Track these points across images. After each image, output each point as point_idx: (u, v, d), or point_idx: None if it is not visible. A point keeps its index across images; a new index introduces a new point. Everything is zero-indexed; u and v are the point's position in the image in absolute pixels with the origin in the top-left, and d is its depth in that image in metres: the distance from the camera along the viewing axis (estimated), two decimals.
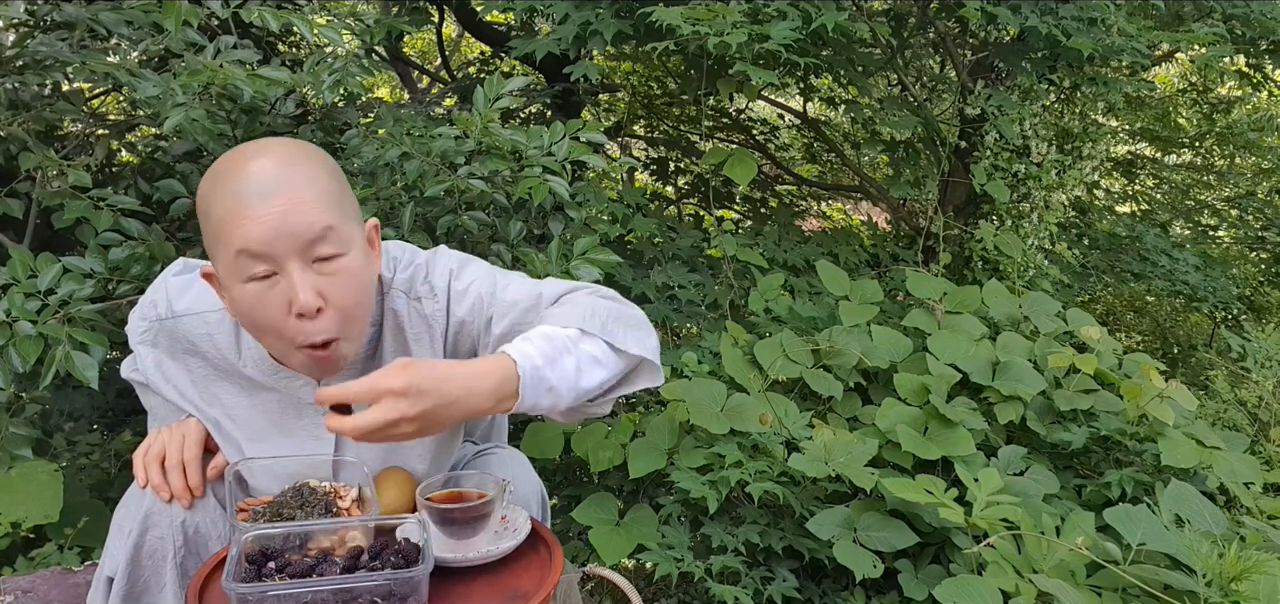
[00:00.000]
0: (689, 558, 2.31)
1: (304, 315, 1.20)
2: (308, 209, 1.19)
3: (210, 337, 1.39)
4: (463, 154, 2.31)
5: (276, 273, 1.20)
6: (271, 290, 1.20)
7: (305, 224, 1.19)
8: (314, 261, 1.21)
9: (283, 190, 1.19)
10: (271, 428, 1.42)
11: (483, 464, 1.57)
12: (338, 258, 1.23)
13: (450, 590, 1.26)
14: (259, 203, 1.17)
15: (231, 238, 1.18)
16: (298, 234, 1.19)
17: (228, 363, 1.39)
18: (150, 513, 1.36)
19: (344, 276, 1.23)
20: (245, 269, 1.19)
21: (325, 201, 1.21)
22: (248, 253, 1.18)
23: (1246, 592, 1.73)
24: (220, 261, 1.23)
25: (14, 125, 2.16)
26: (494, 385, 1.20)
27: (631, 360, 1.34)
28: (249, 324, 1.26)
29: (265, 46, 2.76)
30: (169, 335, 1.41)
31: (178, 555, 1.36)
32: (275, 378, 1.39)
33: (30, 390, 2.13)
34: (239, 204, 1.18)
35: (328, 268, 1.22)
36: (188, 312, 1.39)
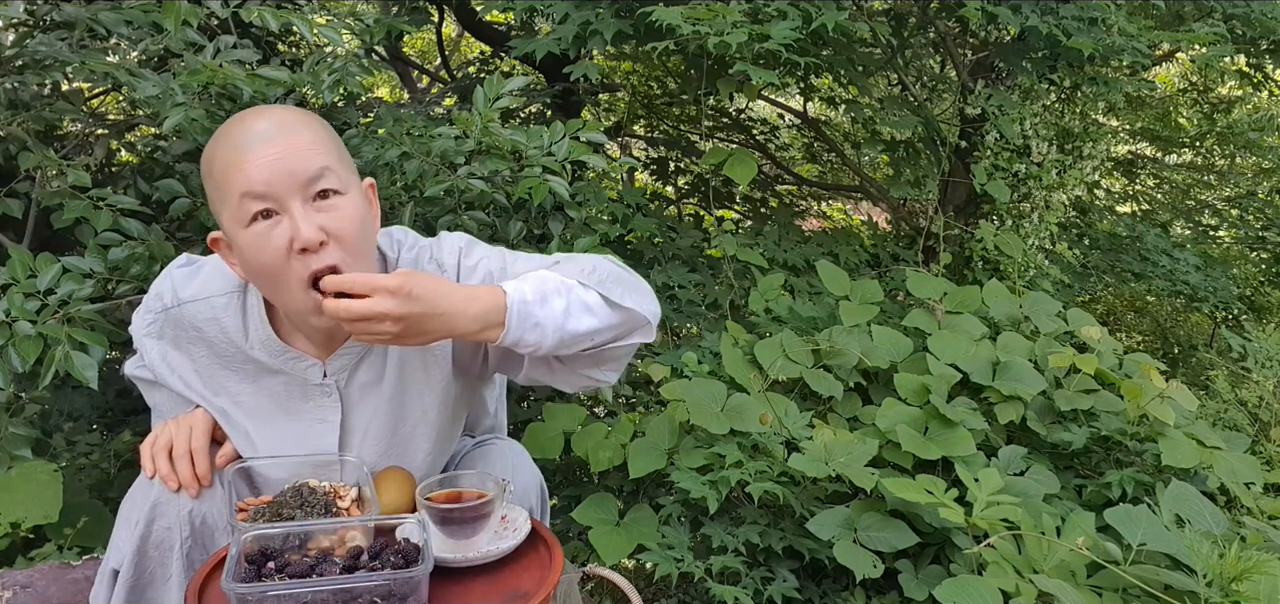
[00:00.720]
0: (689, 558, 2.31)
1: (308, 250, 1.24)
2: (305, 150, 1.25)
3: (217, 321, 1.40)
4: (463, 154, 2.30)
5: (278, 213, 1.24)
6: (274, 230, 1.24)
7: (304, 163, 1.24)
8: (314, 199, 1.25)
9: (281, 135, 1.25)
10: (278, 412, 1.43)
11: (482, 455, 1.57)
12: (337, 195, 1.27)
13: (450, 590, 1.26)
14: (260, 146, 1.23)
15: (234, 183, 1.23)
16: (296, 172, 1.23)
17: (234, 347, 1.40)
18: (158, 503, 1.36)
19: (344, 212, 1.27)
20: (248, 211, 1.23)
21: (322, 146, 1.27)
22: (250, 194, 1.23)
23: (1247, 592, 1.73)
24: (225, 213, 1.27)
25: (14, 125, 2.16)
26: (481, 311, 1.25)
27: (625, 315, 1.36)
28: (256, 271, 1.29)
29: (265, 46, 2.75)
30: (175, 324, 1.43)
31: (184, 545, 1.36)
32: (282, 359, 1.40)
33: (30, 390, 2.13)
34: (239, 152, 1.24)
35: (327, 204, 1.26)
36: (194, 297, 1.41)
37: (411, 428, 1.47)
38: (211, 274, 1.42)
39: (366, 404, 1.44)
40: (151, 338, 1.45)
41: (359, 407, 1.44)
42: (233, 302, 1.40)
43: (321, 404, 1.42)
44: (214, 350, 1.42)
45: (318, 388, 1.42)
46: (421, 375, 1.44)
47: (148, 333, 1.45)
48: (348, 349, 1.41)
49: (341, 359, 1.41)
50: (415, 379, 1.44)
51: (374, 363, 1.43)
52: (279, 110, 1.31)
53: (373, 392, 1.44)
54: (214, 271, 1.43)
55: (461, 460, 1.60)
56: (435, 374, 1.45)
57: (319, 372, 1.41)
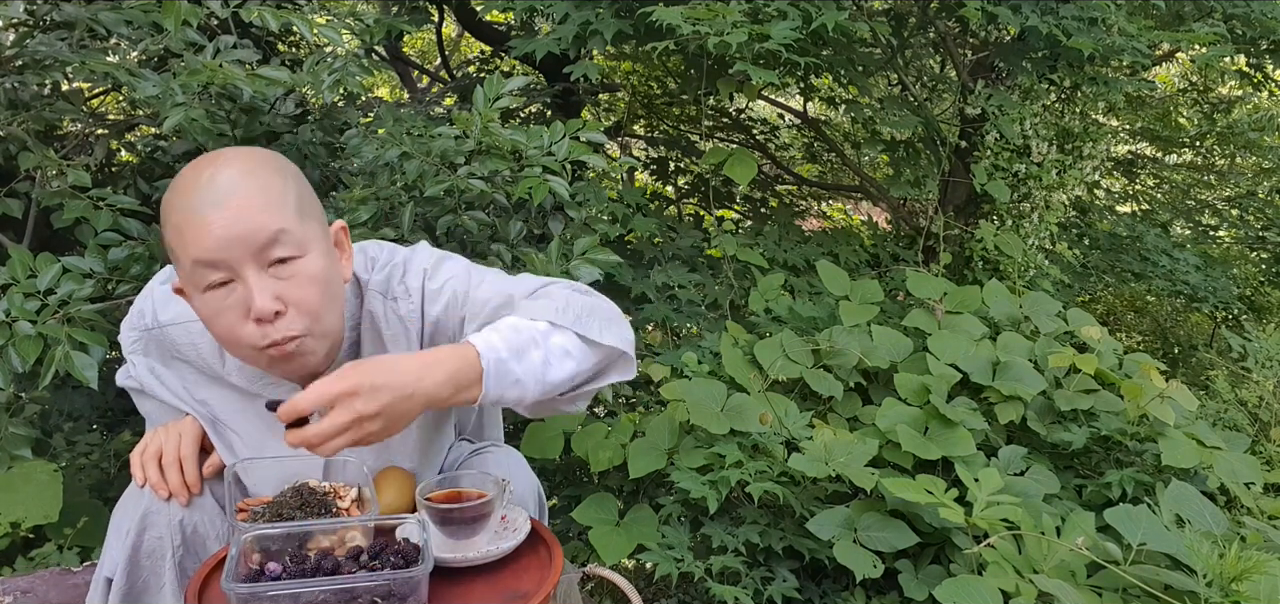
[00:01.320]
0: (689, 558, 2.31)
1: (262, 320, 1.20)
2: (258, 214, 1.18)
3: (195, 346, 1.39)
4: (462, 154, 2.30)
5: (233, 280, 1.20)
6: (229, 297, 1.20)
7: (256, 227, 1.18)
8: (269, 266, 1.20)
9: (233, 197, 1.18)
10: (266, 431, 1.42)
11: (479, 463, 1.57)
12: (294, 260, 1.22)
13: (450, 590, 1.26)
14: (211, 210, 1.17)
15: (187, 248, 1.19)
16: (248, 239, 1.18)
17: (213, 371, 1.40)
18: (148, 512, 1.36)
19: (302, 278, 1.22)
20: (203, 278, 1.20)
21: (277, 206, 1.20)
22: (202, 261, 1.18)
23: (1247, 592, 1.73)
24: (181, 273, 1.23)
25: (14, 125, 2.16)
26: (450, 373, 1.19)
27: (604, 352, 1.32)
28: (213, 333, 1.25)
29: (265, 46, 2.75)
30: (158, 344, 1.43)
31: (176, 554, 1.36)
32: (259, 385, 1.39)
33: (30, 390, 2.13)
34: (191, 214, 1.18)
35: (284, 271, 1.21)
36: (173, 322, 1.40)
37: (397, 441, 1.43)
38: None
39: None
40: (138, 353, 1.45)
41: None
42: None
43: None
44: (197, 369, 1.42)
45: None
46: None
47: (134, 349, 1.45)
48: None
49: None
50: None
51: None
52: (235, 163, 1.22)
53: None
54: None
55: (458, 468, 1.59)
56: None
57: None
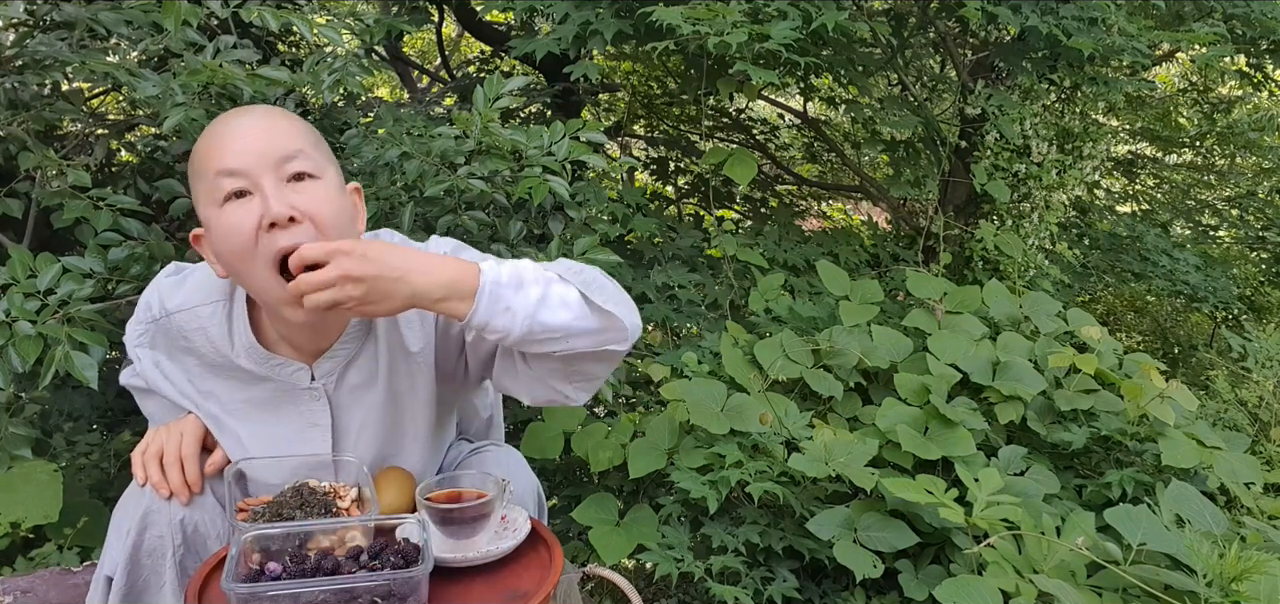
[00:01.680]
0: (689, 558, 2.31)
1: (276, 225, 1.22)
2: (279, 132, 1.26)
3: (204, 330, 1.40)
4: (462, 154, 2.30)
5: (251, 192, 1.23)
6: (246, 207, 1.23)
7: (277, 142, 1.25)
8: (288, 180, 1.25)
9: (259, 120, 1.27)
10: (269, 417, 1.43)
11: (478, 462, 1.57)
12: (312, 179, 1.26)
13: (450, 590, 1.26)
14: (235, 125, 1.27)
15: (211, 162, 1.24)
16: (270, 151, 1.24)
17: (221, 355, 1.40)
18: (149, 511, 1.36)
19: (318, 196, 1.26)
20: (223, 188, 1.23)
21: (298, 132, 1.28)
22: (224, 171, 1.23)
23: (1247, 592, 1.73)
24: (202, 196, 1.27)
25: (14, 125, 2.16)
26: (449, 278, 1.21)
27: (602, 318, 1.29)
28: (227, 254, 1.27)
29: (265, 46, 2.75)
30: (165, 334, 1.43)
31: (176, 553, 1.36)
32: (268, 366, 1.40)
33: (30, 390, 2.13)
34: (218, 137, 1.26)
35: (301, 187, 1.25)
36: (180, 307, 1.41)
37: (402, 431, 1.47)
38: (197, 283, 1.42)
39: (357, 408, 1.44)
40: (144, 347, 1.45)
41: (349, 410, 1.44)
42: (218, 311, 1.39)
43: (311, 408, 1.42)
44: (203, 359, 1.42)
45: (306, 392, 1.41)
46: (407, 381, 1.44)
47: (139, 343, 1.45)
48: (335, 353, 1.40)
49: (329, 362, 1.40)
50: (402, 384, 1.44)
51: (362, 366, 1.42)
52: (261, 107, 1.33)
53: (362, 395, 1.43)
54: (200, 281, 1.42)
55: (457, 468, 1.59)
56: (420, 380, 1.44)
57: (306, 376, 1.40)
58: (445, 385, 1.49)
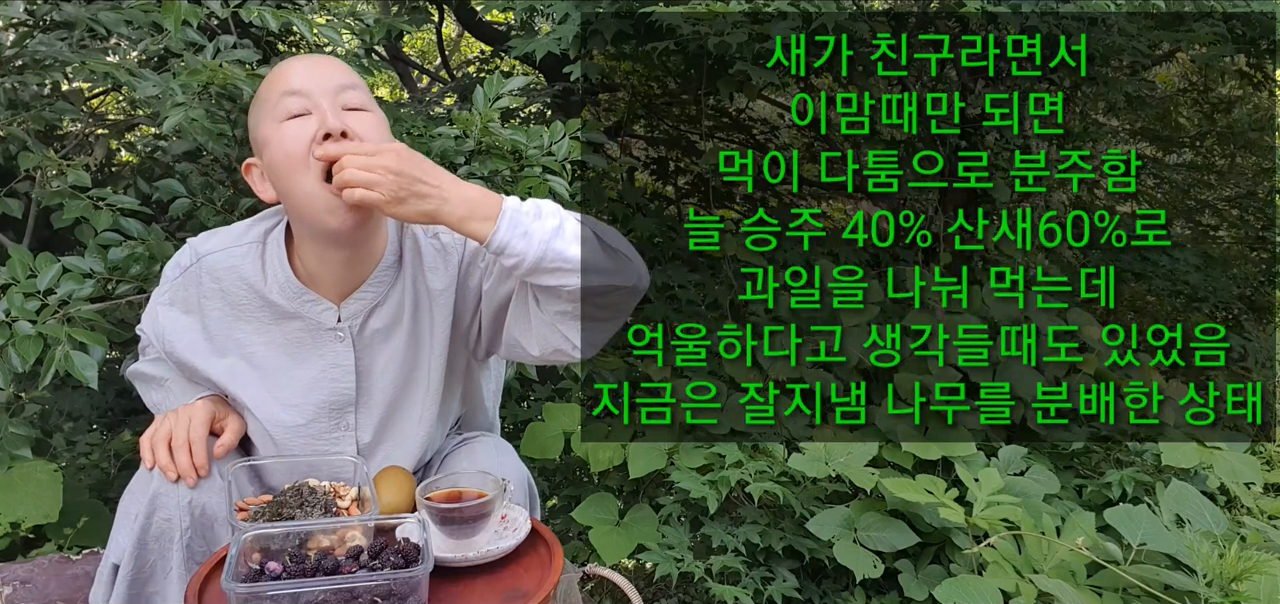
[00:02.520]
0: (689, 558, 2.31)
1: (330, 135, 1.34)
2: (338, 68, 1.43)
3: (236, 269, 1.47)
4: (463, 154, 2.31)
5: (310, 113, 1.37)
6: (304, 125, 1.36)
7: (336, 73, 1.41)
8: (343, 109, 1.38)
9: (320, 56, 1.49)
10: (291, 361, 1.48)
11: (468, 453, 1.56)
12: (363, 111, 1.40)
13: (450, 590, 1.26)
14: (301, 59, 1.46)
15: (277, 85, 1.40)
16: (330, 77, 1.40)
17: (252, 292, 1.47)
18: (157, 494, 1.37)
19: (368, 123, 1.39)
20: (286, 108, 1.37)
21: (355, 77, 1.44)
22: (288, 91, 1.38)
23: (1247, 592, 1.73)
24: (265, 119, 1.40)
25: (14, 125, 2.16)
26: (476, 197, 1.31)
27: (615, 262, 1.35)
28: (281, 166, 1.38)
29: (265, 46, 2.75)
30: (194, 283, 1.50)
31: (184, 536, 1.36)
32: (299, 302, 1.46)
33: (30, 390, 2.13)
34: (285, 65, 1.43)
35: (353, 115, 1.39)
36: (213, 250, 1.50)
37: (417, 381, 1.52)
38: (231, 233, 1.53)
39: (379, 353, 1.50)
40: (164, 306, 1.51)
41: (371, 354, 1.50)
42: (252, 251, 1.49)
43: (335, 350, 1.47)
44: (229, 301, 1.48)
45: (331, 332, 1.47)
46: (428, 323, 1.51)
47: (161, 301, 1.52)
48: (362, 294, 1.47)
49: (355, 304, 1.47)
50: (423, 326, 1.51)
51: (386, 311, 1.49)
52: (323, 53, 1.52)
53: (385, 341, 1.49)
54: (234, 230, 1.53)
55: (447, 456, 1.60)
56: (439, 324, 1.51)
57: (333, 315, 1.46)
58: (458, 345, 1.54)
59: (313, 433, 1.49)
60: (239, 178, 2.28)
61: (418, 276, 1.51)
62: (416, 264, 1.50)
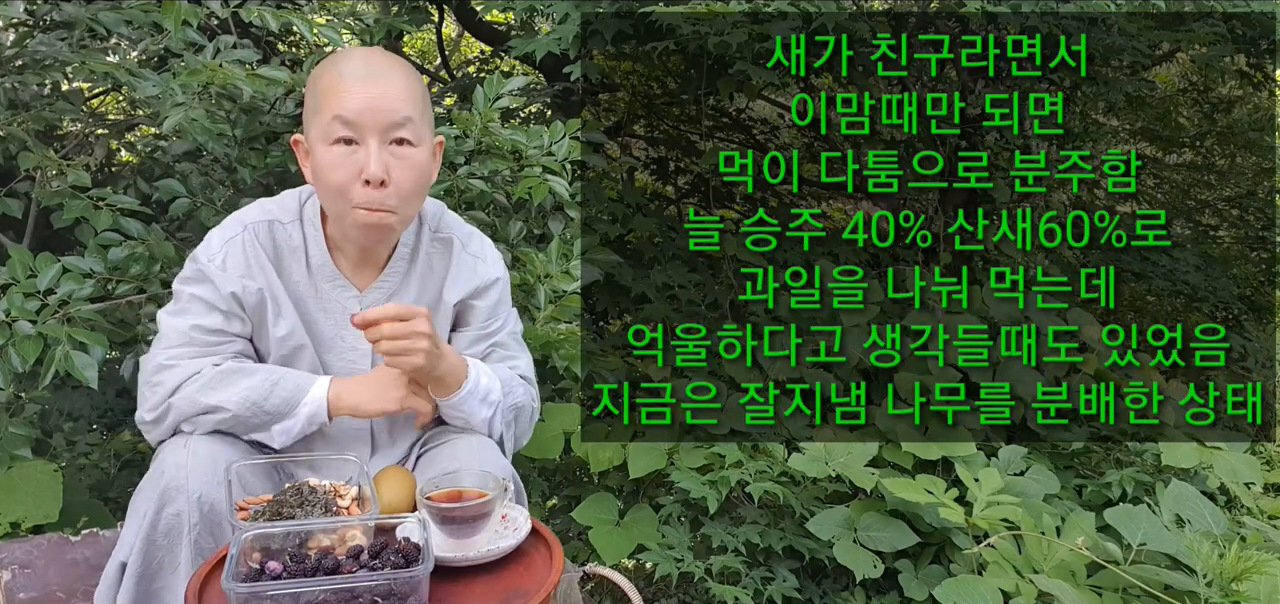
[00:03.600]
0: (689, 558, 2.31)
1: (370, 183, 1.41)
2: (396, 99, 1.42)
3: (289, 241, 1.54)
4: (463, 154, 2.31)
5: (357, 143, 1.41)
6: (350, 156, 1.41)
7: (391, 110, 1.41)
8: (390, 143, 1.42)
9: (380, 78, 1.42)
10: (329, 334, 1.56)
11: (451, 449, 1.56)
12: (409, 146, 1.44)
13: (450, 590, 1.26)
14: (359, 82, 1.41)
15: (330, 104, 1.41)
16: (383, 115, 1.41)
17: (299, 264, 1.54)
18: (168, 488, 1.36)
19: (410, 163, 1.44)
20: (334, 133, 1.41)
21: (412, 99, 1.44)
22: (340, 119, 1.40)
23: (1247, 592, 1.73)
24: (314, 125, 1.44)
25: (14, 125, 2.16)
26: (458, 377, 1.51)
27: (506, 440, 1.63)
28: (323, 182, 1.45)
29: (265, 46, 2.75)
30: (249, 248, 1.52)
31: (193, 531, 1.36)
32: (332, 284, 1.54)
33: (30, 390, 2.13)
34: (342, 79, 1.42)
35: (399, 152, 1.43)
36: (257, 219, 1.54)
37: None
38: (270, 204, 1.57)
39: None
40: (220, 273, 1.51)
41: None
42: (295, 228, 1.55)
43: (355, 334, 1.50)
44: (274, 267, 1.53)
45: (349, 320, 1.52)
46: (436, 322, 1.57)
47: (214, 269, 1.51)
48: (382, 281, 1.56)
49: (375, 294, 1.55)
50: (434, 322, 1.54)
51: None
52: (384, 55, 1.48)
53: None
54: (273, 203, 1.58)
55: (431, 448, 1.60)
56: (443, 332, 1.60)
57: (357, 303, 1.55)
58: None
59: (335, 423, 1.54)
60: (239, 178, 2.28)
61: (428, 277, 1.59)
62: (431, 265, 1.59)
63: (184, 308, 1.49)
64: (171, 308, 1.52)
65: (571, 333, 2.22)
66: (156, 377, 1.47)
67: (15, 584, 1.62)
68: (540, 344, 2.17)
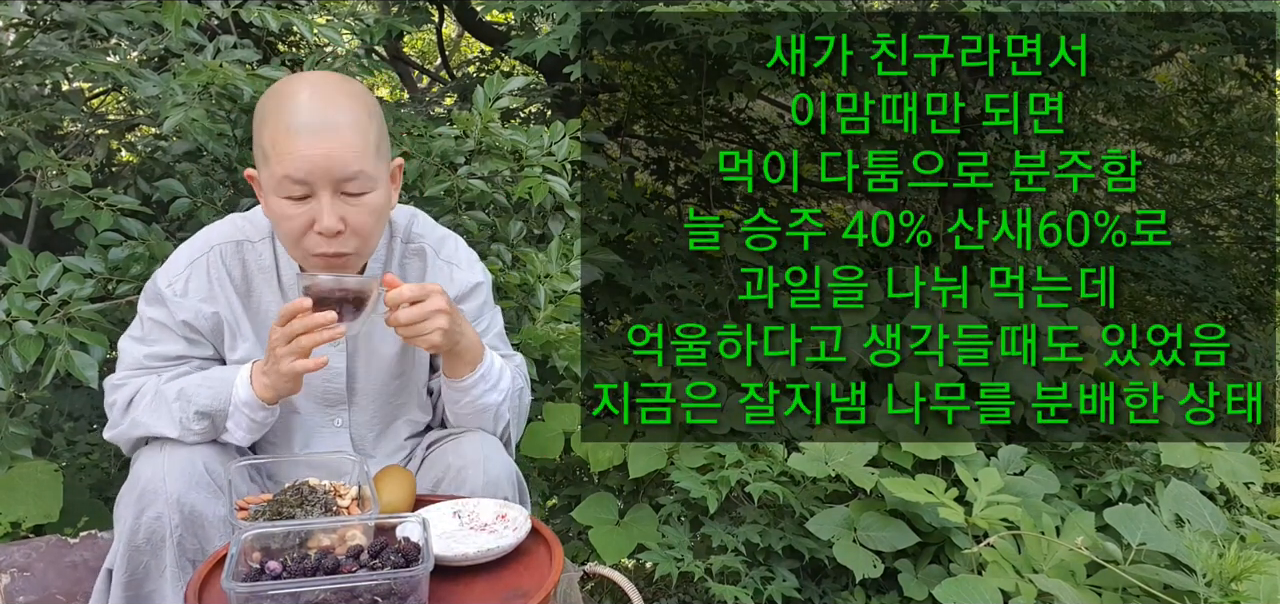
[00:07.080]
0: (689, 558, 2.31)
1: (324, 235, 1.40)
2: (346, 153, 1.38)
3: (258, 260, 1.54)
4: (463, 154, 2.31)
5: (310, 197, 1.39)
6: (302, 207, 1.39)
7: (342, 164, 1.38)
8: (342, 193, 1.40)
9: (328, 133, 1.37)
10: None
11: (453, 448, 1.56)
12: (363, 195, 1.41)
13: (450, 590, 1.26)
14: (307, 138, 1.36)
15: (278, 162, 1.37)
16: (333, 172, 1.38)
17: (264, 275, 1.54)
18: (145, 491, 1.37)
19: (365, 208, 1.42)
20: (285, 189, 1.39)
21: (363, 149, 1.40)
22: (290, 178, 1.37)
23: (1246, 592, 1.73)
24: (264, 172, 1.42)
25: (14, 125, 2.16)
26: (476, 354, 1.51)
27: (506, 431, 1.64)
28: (277, 226, 1.45)
29: (265, 46, 2.75)
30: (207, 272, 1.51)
31: (175, 533, 1.36)
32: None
33: (30, 390, 2.13)
34: (289, 135, 1.37)
35: (352, 200, 1.41)
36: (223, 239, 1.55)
37: (409, 386, 1.60)
38: (234, 222, 1.57)
39: (369, 354, 1.58)
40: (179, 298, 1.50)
41: (360, 356, 1.57)
42: (266, 246, 1.55)
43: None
44: (237, 292, 1.53)
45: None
46: None
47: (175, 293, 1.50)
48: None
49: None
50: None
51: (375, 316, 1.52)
52: (330, 95, 1.41)
53: (376, 343, 1.56)
54: (239, 220, 1.57)
55: (432, 450, 1.60)
56: None
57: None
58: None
59: (309, 426, 1.55)
60: (239, 178, 2.28)
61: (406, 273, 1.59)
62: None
63: (145, 334, 1.52)
64: (133, 329, 1.53)
65: (571, 333, 2.22)
66: (111, 396, 1.51)
67: (14, 587, 1.62)
68: (540, 344, 2.17)
